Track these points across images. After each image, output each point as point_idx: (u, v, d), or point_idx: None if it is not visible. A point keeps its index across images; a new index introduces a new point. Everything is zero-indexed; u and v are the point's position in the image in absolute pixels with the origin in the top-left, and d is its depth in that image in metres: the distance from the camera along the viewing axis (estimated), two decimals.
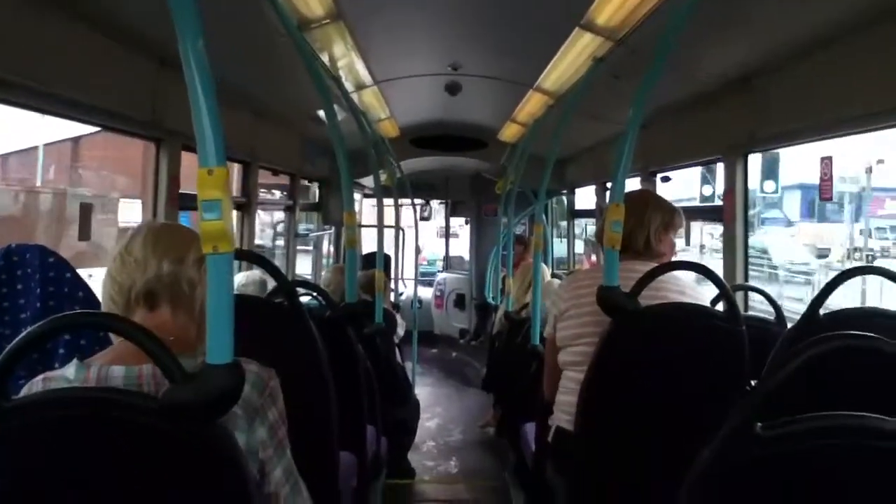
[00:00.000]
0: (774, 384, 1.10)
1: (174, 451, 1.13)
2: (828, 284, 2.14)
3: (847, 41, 2.43)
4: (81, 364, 1.23)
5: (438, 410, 6.40)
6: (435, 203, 10.35)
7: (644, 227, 2.36)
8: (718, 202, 3.55)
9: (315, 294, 3.07)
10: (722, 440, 1.11)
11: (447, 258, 10.40)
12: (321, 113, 4.39)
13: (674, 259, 2.50)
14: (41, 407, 1.12)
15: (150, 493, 1.14)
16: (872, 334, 1.11)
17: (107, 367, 1.21)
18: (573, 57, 3.50)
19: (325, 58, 3.47)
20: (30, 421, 1.11)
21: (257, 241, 5.13)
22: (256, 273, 3.27)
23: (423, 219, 9.69)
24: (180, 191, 3.19)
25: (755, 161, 3.42)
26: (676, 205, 2.52)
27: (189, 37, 1.11)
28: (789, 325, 2.71)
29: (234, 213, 4.06)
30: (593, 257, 7.45)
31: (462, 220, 10.12)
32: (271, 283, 3.07)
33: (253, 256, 2.35)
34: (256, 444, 1.29)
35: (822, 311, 2.11)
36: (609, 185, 5.58)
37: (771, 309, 2.92)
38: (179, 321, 1.33)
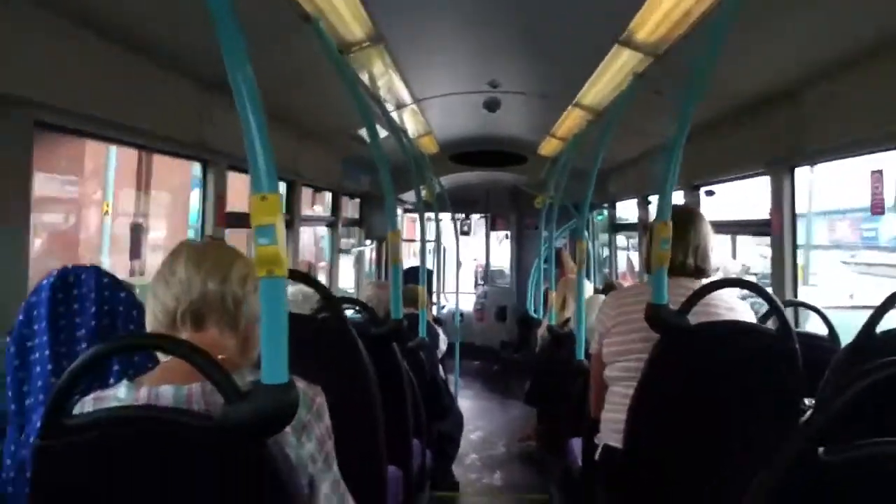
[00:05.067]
0: (838, 408, 1.07)
1: (229, 469, 1.15)
2: (884, 302, 2.08)
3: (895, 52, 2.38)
4: (132, 384, 1.25)
5: (481, 423, 6.39)
6: (475, 217, 10.36)
7: (688, 244, 2.34)
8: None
9: (358, 309, 3.10)
10: (784, 463, 1.09)
11: (487, 272, 10.39)
12: (362, 132, 4.46)
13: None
14: (102, 424, 1.15)
15: None
16: None
17: (156, 388, 1.23)
18: (613, 73, 3.49)
19: (365, 79, 3.52)
20: (90, 438, 1.14)
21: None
22: (307, 290, 3.30)
23: (462, 233, 9.71)
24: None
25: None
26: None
27: (238, 65, 1.13)
28: (843, 342, 2.66)
29: None
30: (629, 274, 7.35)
31: (502, 234, 10.12)
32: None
33: (301, 276, 2.40)
34: (305, 459, 1.31)
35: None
36: (650, 198, 5.53)
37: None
38: (226, 340, 1.35)
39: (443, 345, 4.91)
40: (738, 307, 2.29)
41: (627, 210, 7.02)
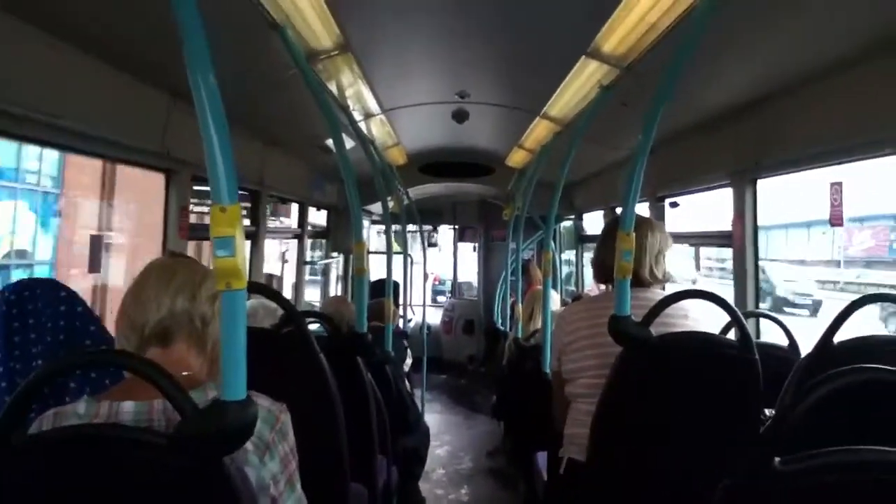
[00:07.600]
0: (792, 419, 1.08)
1: (185, 487, 1.11)
2: (841, 313, 2.11)
3: (856, 68, 2.43)
4: (92, 399, 1.22)
5: (448, 438, 6.36)
6: (443, 229, 10.37)
7: (643, 254, 2.35)
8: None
9: (322, 323, 3.06)
10: (741, 475, 1.09)
11: (455, 284, 10.38)
12: (329, 142, 4.42)
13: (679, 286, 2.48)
14: (52, 444, 1.11)
15: None
16: (889, 367, 1.10)
17: (117, 404, 1.21)
18: (580, 85, 3.51)
19: (333, 88, 3.50)
20: (41, 457, 1.10)
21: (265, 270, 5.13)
22: (268, 303, 3.25)
23: (430, 245, 9.69)
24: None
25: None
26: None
27: (200, 73, 1.11)
28: (802, 353, 2.69)
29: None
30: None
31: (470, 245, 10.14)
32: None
33: (263, 289, 2.36)
34: (268, 480, 1.28)
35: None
36: (618, 210, 5.58)
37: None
38: (192, 357, 1.34)
39: (409, 359, 4.87)
40: (692, 314, 2.30)
41: (593, 222, 7.07)
